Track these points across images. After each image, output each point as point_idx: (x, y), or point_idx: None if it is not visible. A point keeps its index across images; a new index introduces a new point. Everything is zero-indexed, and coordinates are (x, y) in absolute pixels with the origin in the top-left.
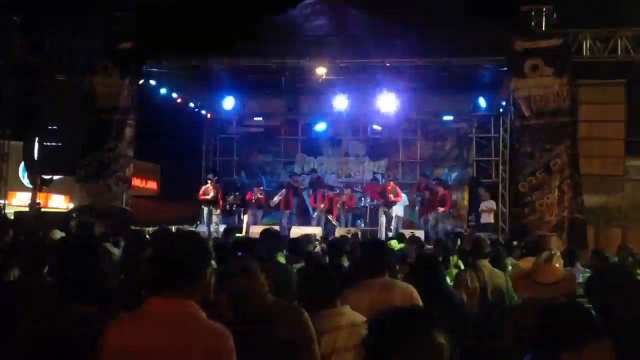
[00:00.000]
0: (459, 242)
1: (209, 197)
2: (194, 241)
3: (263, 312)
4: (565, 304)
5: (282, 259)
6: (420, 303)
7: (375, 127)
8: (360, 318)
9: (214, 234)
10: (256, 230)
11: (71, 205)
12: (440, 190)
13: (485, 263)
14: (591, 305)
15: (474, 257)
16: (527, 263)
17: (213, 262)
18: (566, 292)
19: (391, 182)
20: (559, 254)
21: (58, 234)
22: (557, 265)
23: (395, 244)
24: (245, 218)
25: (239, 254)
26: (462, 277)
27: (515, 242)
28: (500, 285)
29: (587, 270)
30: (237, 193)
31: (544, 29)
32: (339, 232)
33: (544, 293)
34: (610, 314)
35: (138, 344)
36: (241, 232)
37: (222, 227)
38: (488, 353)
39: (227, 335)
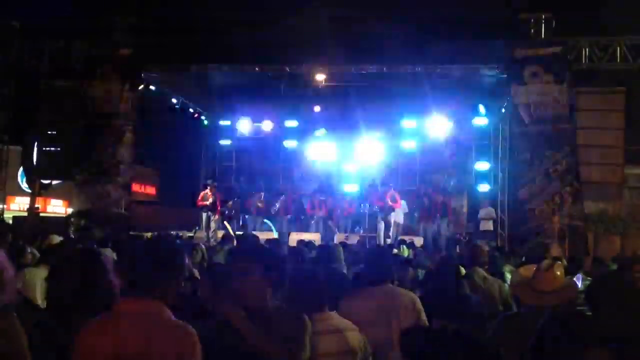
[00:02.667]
0: (457, 249)
1: (207, 202)
2: (168, 246)
3: (262, 315)
4: (564, 312)
5: None
6: (423, 310)
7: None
8: (346, 324)
9: (212, 240)
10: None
11: (70, 210)
12: (440, 198)
13: (479, 270)
14: (591, 313)
15: (470, 264)
16: (527, 270)
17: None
18: (567, 300)
19: (391, 189)
20: (560, 261)
21: (56, 239)
22: (558, 273)
23: (405, 251)
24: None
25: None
26: None
27: (514, 249)
28: (493, 294)
29: (588, 278)
30: (236, 199)
31: (543, 36)
32: (337, 238)
33: (545, 301)
34: (609, 322)
35: (108, 345)
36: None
37: (220, 233)
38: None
39: (194, 335)
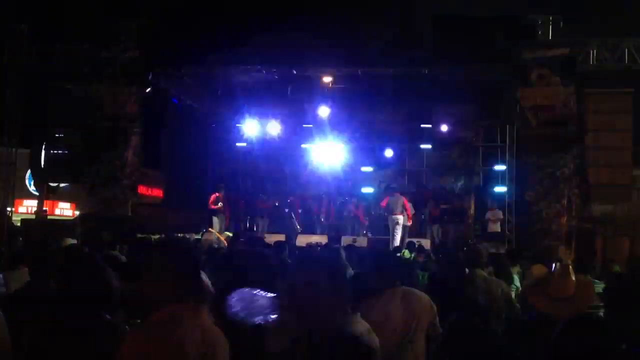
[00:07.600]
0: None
1: (220, 206)
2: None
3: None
4: (579, 317)
5: None
6: (435, 310)
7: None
8: (364, 327)
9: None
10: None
11: (77, 213)
12: (459, 203)
13: (479, 271)
14: (606, 317)
15: (470, 266)
16: (539, 270)
17: None
18: (585, 306)
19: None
20: (570, 265)
21: (70, 242)
22: (572, 278)
23: (407, 254)
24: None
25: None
26: None
27: (522, 251)
28: (494, 294)
29: (595, 281)
30: (243, 202)
31: (550, 38)
32: (345, 241)
33: (562, 310)
34: (626, 326)
35: (151, 352)
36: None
37: (223, 236)
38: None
39: (226, 342)
